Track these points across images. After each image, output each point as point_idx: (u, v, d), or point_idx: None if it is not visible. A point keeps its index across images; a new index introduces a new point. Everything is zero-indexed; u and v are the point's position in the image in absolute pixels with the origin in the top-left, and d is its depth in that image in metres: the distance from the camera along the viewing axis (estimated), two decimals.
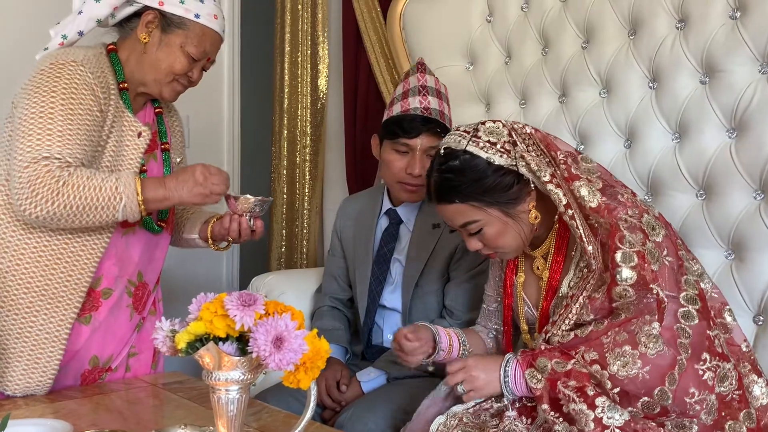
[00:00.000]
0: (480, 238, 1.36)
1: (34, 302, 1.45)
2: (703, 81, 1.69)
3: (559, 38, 1.97)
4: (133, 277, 1.58)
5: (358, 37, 2.50)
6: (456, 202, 1.33)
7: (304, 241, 2.77)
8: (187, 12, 1.49)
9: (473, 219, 1.33)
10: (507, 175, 1.31)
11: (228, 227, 1.56)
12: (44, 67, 1.42)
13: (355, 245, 1.91)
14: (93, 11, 1.47)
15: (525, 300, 1.43)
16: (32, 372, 1.45)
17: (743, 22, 1.61)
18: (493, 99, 2.15)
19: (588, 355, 1.20)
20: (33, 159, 1.34)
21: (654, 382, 1.16)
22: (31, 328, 1.45)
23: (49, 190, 1.33)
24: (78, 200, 1.35)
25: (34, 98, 1.38)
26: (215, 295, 0.99)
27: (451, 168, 1.32)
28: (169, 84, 1.53)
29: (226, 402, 0.99)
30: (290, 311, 0.96)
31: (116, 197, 1.37)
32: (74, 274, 1.46)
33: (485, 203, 1.31)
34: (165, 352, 1.00)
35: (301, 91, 2.76)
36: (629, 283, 1.19)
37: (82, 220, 1.38)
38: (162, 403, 1.55)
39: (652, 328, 1.17)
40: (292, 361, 0.92)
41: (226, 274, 2.87)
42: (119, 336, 1.58)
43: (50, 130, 1.36)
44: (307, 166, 2.78)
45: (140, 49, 1.51)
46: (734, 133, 1.64)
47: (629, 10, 1.83)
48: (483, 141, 1.31)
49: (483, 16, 2.19)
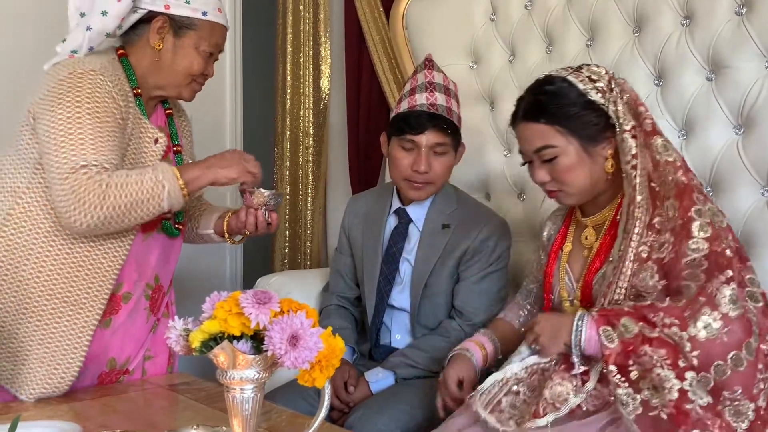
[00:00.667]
0: (551, 168, 1.37)
1: (56, 309, 1.45)
2: (710, 77, 1.69)
3: (564, 36, 1.97)
4: (151, 280, 1.59)
5: (360, 37, 2.50)
6: (540, 122, 1.35)
7: (307, 241, 2.76)
8: (195, 12, 1.49)
9: (551, 143, 1.34)
10: (595, 112, 1.34)
11: (245, 221, 1.57)
12: (62, 77, 1.41)
13: (364, 244, 1.90)
14: (102, 25, 1.45)
15: (567, 270, 1.44)
16: (50, 377, 1.45)
17: (749, 18, 1.61)
18: (498, 97, 2.14)
19: (668, 319, 1.17)
20: (71, 169, 1.34)
21: (731, 346, 1.14)
22: (53, 335, 1.45)
23: (95, 195, 1.34)
24: (124, 198, 1.36)
25: (59, 109, 1.38)
26: (229, 293, 0.98)
27: (545, 90, 1.37)
28: (188, 86, 1.55)
29: (241, 401, 0.98)
30: (304, 309, 0.96)
31: (158, 186, 1.39)
32: (96, 280, 1.46)
33: (568, 130, 1.34)
34: (179, 351, 1.00)
35: (303, 92, 2.76)
36: (704, 236, 1.20)
37: (131, 218, 1.39)
38: (170, 404, 1.54)
39: (730, 289, 1.16)
40: (307, 359, 0.92)
41: (229, 276, 2.86)
42: (136, 338, 1.59)
43: (82, 138, 1.36)
44: (309, 167, 2.77)
45: (154, 55, 1.51)
46: (741, 129, 1.64)
47: (634, 8, 1.83)
48: (584, 75, 1.36)
49: (486, 14, 2.19)
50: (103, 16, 1.44)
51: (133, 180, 1.37)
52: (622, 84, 1.38)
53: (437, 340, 1.73)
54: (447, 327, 1.75)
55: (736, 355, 1.14)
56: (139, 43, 1.52)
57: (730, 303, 1.16)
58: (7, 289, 1.44)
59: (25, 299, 1.44)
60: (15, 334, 1.45)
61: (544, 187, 1.41)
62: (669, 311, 1.18)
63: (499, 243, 1.77)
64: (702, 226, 1.22)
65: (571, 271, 1.44)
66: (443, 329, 1.75)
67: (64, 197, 1.34)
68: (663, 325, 1.17)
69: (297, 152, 2.78)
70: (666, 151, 1.30)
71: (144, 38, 1.50)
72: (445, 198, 1.82)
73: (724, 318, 1.15)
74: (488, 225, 1.77)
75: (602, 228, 1.40)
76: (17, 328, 1.45)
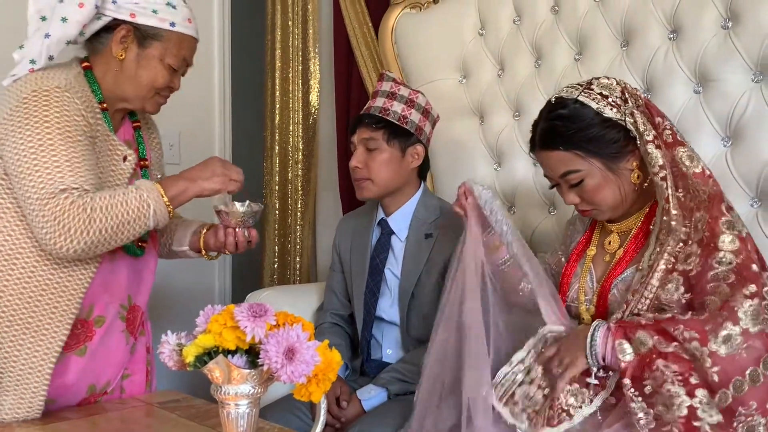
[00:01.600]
0: (579, 191, 1.36)
1: (17, 335, 1.37)
2: (697, 90, 1.71)
3: (552, 50, 1.99)
4: (124, 301, 1.53)
5: (349, 52, 2.51)
6: (560, 149, 1.33)
7: (297, 257, 2.75)
8: (162, 22, 1.42)
9: (575, 168, 1.33)
10: (614, 128, 1.32)
11: (224, 241, 1.53)
12: (26, 95, 1.33)
13: (352, 258, 1.90)
14: (61, 33, 1.36)
15: (591, 271, 1.42)
16: (18, 407, 1.38)
17: (736, 32, 1.63)
18: (487, 112, 2.15)
19: (688, 333, 1.15)
20: (50, 194, 1.27)
21: (749, 362, 1.13)
22: (15, 363, 1.37)
23: (80, 221, 1.28)
24: (110, 221, 1.31)
25: (27, 130, 1.30)
26: (223, 307, 0.97)
27: (559, 115, 1.34)
28: (152, 98, 1.48)
29: (236, 417, 0.97)
30: (300, 322, 0.95)
31: (144, 205, 1.34)
32: (60, 305, 1.39)
33: (589, 153, 1.32)
34: (172, 366, 0.98)
35: (292, 107, 2.76)
36: (731, 249, 1.19)
37: (117, 239, 1.34)
38: (159, 422, 1.51)
39: (753, 303, 1.15)
40: (304, 373, 0.91)
41: (218, 291, 2.84)
42: (116, 362, 1.53)
43: (57, 161, 1.29)
44: (299, 182, 2.77)
45: (117, 65, 1.43)
46: (729, 141, 1.65)
47: (621, 22, 1.85)
48: (595, 93, 1.33)
49: (475, 29, 2.20)
50: (63, 22, 1.35)
51: (117, 201, 1.32)
52: (636, 93, 1.36)
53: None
54: None
55: (753, 370, 1.13)
56: (103, 53, 1.44)
57: (751, 318, 1.14)
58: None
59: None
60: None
61: (577, 207, 1.41)
62: (690, 325, 1.16)
63: None
64: (732, 239, 1.21)
65: (595, 275, 1.42)
66: None
67: (46, 224, 1.27)
68: (683, 339, 1.16)
69: (286, 167, 2.78)
70: (692, 162, 1.28)
71: (108, 47, 1.43)
72: (428, 208, 1.83)
73: (744, 333, 1.13)
74: None
75: (628, 235, 1.40)
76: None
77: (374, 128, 1.76)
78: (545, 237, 1.99)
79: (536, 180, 2.02)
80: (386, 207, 1.85)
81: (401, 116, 1.77)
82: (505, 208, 1.42)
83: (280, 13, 2.77)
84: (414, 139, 1.80)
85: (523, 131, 2.05)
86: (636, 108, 1.33)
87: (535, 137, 1.39)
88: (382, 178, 1.77)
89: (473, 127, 2.19)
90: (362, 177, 1.78)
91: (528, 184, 2.04)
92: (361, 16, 2.45)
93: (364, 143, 1.78)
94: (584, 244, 1.49)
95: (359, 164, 1.78)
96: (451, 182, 2.22)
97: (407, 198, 1.84)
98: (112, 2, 1.39)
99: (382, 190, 1.79)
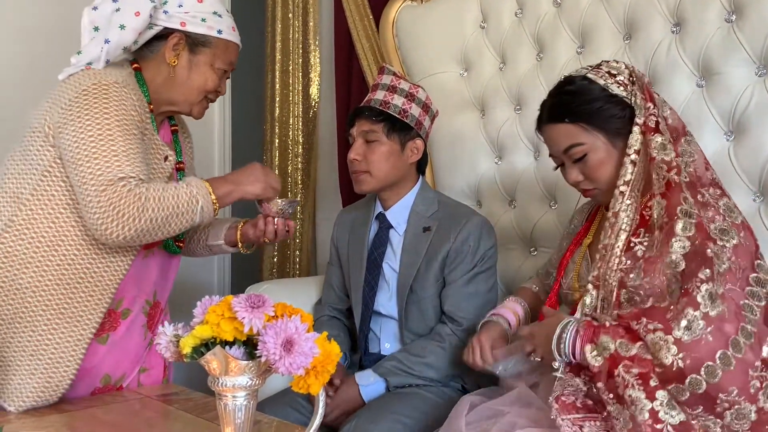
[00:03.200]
0: (582, 166, 1.37)
1: (52, 320, 1.42)
2: (700, 84, 1.70)
3: (554, 44, 1.98)
4: (150, 297, 1.59)
5: (350, 45, 2.49)
6: (565, 122, 1.35)
7: (297, 250, 2.74)
8: (210, 29, 1.52)
9: (579, 141, 1.34)
10: (619, 105, 1.34)
11: (264, 230, 1.61)
12: (86, 87, 1.39)
13: (350, 252, 1.90)
14: (119, 39, 1.44)
15: (587, 258, 1.43)
16: (42, 390, 1.42)
17: (739, 25, 1.62)
18: (488, 105, 2.14)
19: (652, 325, 1.16)
20: (108, 181, 1.32)
21: (717, 346, 1.12)
22: (46, 346, 1.42)
23: (134, 208, 1.32)
24: (162, 212, 1.36)
25: (87, 120, 1.36)
26: (221, 298, 0.96)
27: (567, 91, 1.37)
28: (200, 103, 1.57)
29: (234, 409, 0.96)
30: (299, 313, 0.94)
31: (193, 201, 1.40)
32: (95, 294, 1.44)
33: (593, 126, 1.33)
34: (169, 357, 0.97)
35: (292, 100, 2.75)
36: (687, 235, 1.20)
37: (165, 231, 1.39)
38: (157, 415, 1.51)
39: (710, 287, 1.15)
40: (302, 365, 0.90)
41: (217, 284, 2.83)
42: (132, 356, 1.58)
43: (115, 151, 1.35)
44: (299, 175, 2.76)
45: (168, 71, 1.52)
46: (732, 135, 1.64)
47: (624, 15, 1.83)
48: (603, 72, 1.36)
49: (477, 22, 2.19)
50: (121, 29, 1.44)
51: (169, 194, 1.38)
52: (642, 78, 1.37)
53: (431, 345, 1.71)
54: (441, 332, 1.73)
55: (723, 354, 1.12)
56: (153, 59, 1.52)
57: (708, 301, 1.15)
58: (3, 296, 1.41)
59: (21, 308, 1.41)
60: (8, 343, 1.42)
61: (579, 186, 1.41)
62: (652, 315, 1.18)
63: (481, 243, 1.74)
64: (685, 225, 1.21)
65: (591, 261, 1.43)
66: (437, 335, 1.73)
67: (100, 209, 1.32)
68: (647, 330, 1.16)
69: (286, 160, 2.76)
70: (663, 150, 1.29)
71: (159, 54, 1.51)
72: (426, 201, 1.82)
73: (705, 317, 1.14)
74: (468, 225, 1.74)
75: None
76: (11, 337, 1.42)
77: (374, 121, 1.75)
78: (546, 231, 1.98)
79: (537, 174, 2.01)
80: (384, 201, 1.85)
81: (402, 110, 1.76)
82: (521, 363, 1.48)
83: (281, 5, 2.76)
84: (414, 133, 1.79)
85: (524, 125, 2.04)
86: (640, 91, 1.34)
87: (543, 113, 1.41)
88: (381, 172, 1.76)
89: (474, 120, 2.17)
90: (360, 170, 1.77)
91: (529, 178, 2.03)
92: (361, 8, 2.43)
93: (363, 135, 1.77)
94: (582, 234, 1.50)
95: (358, 156, 1.77)
96: (451, 176, 2.22)
97: (405, 191, 1.83)
98: (164, 12, 1.49)
99: (380, 183, 1.78)
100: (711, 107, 1.66)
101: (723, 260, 1.19)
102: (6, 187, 1.45)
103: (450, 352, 1.69)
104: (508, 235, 2.08)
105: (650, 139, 1.29)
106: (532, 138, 2.01)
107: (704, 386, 1.12)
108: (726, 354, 1.12)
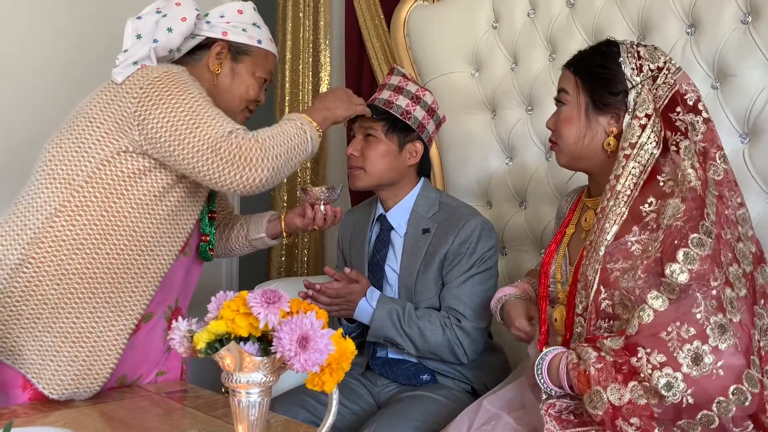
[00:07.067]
0: (556, 115, 1.41)
1: (97, 307, 1.42)
2: (715, 86, 1.68)
3: (567, 44, 1.96)
4: (172, 303, 1.59)
5: (360, 45, 2.49)
6: (571, 69, 1.40)
7: (304, 249, 2.73)
8: (251, 39, 1.57)
9: (566, 89, 1.39)
10: (620, 84, 1.32)
11: (313, 217, 1.66)
12: (156, 75, 1.41)
13: (352, 255, 1.89)
14: (166, 41, 1.47)
15: (566, 253, 1.41)
16: (83, 378, 1.42)
17: (755, 26, 1.61)
18: (500, 105, 2.13)
19: (654, 358, 1.10)
20: (220, 137, 1.36)
21: (728, 381, 1.08)
22: (90, 333, 1.42)
23: (256, 150, 1.37)
24: (280, 147, 1.41)
25: (172, 99, 1.38)
26: (235, 293, 0.95)
27: (594, 48, 1.40)
28: (241, 112, 1.61)
29: (247, 405, 0.95)
30: (315, 310, 0.93)
31: (301, 132, 1.46)
32: (141, 285, 1.46)
33: (584, 84, 1.35)
34: (182, 353, 0.96)
35: (302, 99, 2.74)
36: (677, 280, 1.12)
37: (289, 166, 1.44)
38: (166, 411, 1.50)
39: (719, 319, 1.10)
40: (317, 362, 0.89)
41: (225, 284, 2.82)
42: (151, 359, 1.58)
43: (210, 114, 1.39)
44: (308, 175, 2.75)
45: (212, 79, 1.55)
46: (747, 138, 1.63)
47: (638, 15, 1.82)
48: (635, 51, 1.34)
49: (489, 22, 2.18)
50: (169, 32, 1.47)
51: (277, 132, 1.43)
52: (673, 74, 1.31)
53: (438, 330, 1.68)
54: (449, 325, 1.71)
55: (737, 388, 1.08)
56: (196, 68, 1.54)
57: (718, 332, 1.10)
58: (48, 281, 1.40)
59: (67, 293, 1.41)
60: (50, 328, 1.41)
61: (550, 137, 1.44)
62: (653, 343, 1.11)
63: (479, 244, 1.72)
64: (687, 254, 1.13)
65: (569, 255, 1.41)
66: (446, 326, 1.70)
67: (225, 164, 1.35)
68: (653, 367, 1.09)
69: None
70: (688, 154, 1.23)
71: (202, 63, 1.55)
72: (427, 202, 1.81)
73: (714, 351, 1.09)
74: (467, 226, 1.73)
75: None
76: (53, 321, 1.41)
77: (375, 119, 1.76)
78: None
79: (548, 175, 2.00)
80: (384, 202, 1.84)
81: (404, 111, 1.76)
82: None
83: (291, 4, 2.75)
84: (414, 136, 1.78)
85: (536, 125, 2.03)
86: (656, 86, 1.29)
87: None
88: (375, 169, 1.76)
89: (485, 120, 2.16)
90: (356, 165, 1.78)
91: (540, 179, 2.02)
92: (373, 7, 2.42)
93: (363, 132, 1.79)
94: (566, 225, 1.47)
95: (355, 152, 1.78)
96: (462, 176, 2.21)
97: (405, 193, 1.82)
98: (206, 23, 1.55)
99: (373, 181, 1.78)
100: (726, 109, 1.65)
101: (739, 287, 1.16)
102: (54, 173, 1.43)
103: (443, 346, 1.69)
104: (518, 236, 2.07)
105: (668, 139, 1.25)
106: (543, 139, 2.00)
107: (717, 422, 1.09)
108: (741, 389, 1.08)
